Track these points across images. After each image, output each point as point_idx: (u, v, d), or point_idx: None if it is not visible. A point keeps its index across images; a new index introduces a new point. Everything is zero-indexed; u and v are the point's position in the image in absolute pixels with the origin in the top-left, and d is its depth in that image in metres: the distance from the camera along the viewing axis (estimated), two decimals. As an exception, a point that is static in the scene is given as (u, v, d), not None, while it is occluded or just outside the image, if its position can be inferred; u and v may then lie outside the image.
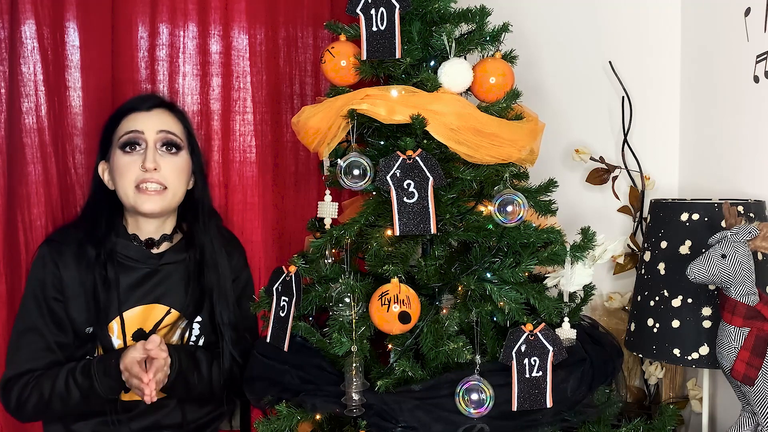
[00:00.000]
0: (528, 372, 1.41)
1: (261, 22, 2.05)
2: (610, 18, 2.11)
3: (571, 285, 1.51)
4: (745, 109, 1.79)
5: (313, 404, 1.45)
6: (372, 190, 1.55)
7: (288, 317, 1.51)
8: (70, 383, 1.58)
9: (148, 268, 1.69)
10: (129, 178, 1.64)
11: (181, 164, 1.69)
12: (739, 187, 1.81)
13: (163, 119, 1.69)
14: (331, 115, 1.53)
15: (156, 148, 1.66)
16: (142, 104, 1.71)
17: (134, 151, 1.65)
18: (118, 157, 1.66)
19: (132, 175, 1.64)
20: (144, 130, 1.65)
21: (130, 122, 1.67)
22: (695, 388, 1.96)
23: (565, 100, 2.13)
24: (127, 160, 1.65)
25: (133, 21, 1.96)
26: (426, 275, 1.51)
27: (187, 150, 1.72)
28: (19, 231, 1.84)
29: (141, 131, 1.65)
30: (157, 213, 1.67)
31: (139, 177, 1.64)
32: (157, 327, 1.68)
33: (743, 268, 1.45)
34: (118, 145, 1.66)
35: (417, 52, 1.53)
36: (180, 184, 1.70)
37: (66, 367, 1.60)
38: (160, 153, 1.66)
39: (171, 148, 1.68)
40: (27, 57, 1.84)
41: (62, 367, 1.60)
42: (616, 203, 2.11)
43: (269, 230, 2.10)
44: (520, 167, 1.59)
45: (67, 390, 1.58)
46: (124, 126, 1.67)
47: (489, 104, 1.54)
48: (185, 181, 1.72)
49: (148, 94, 1.92)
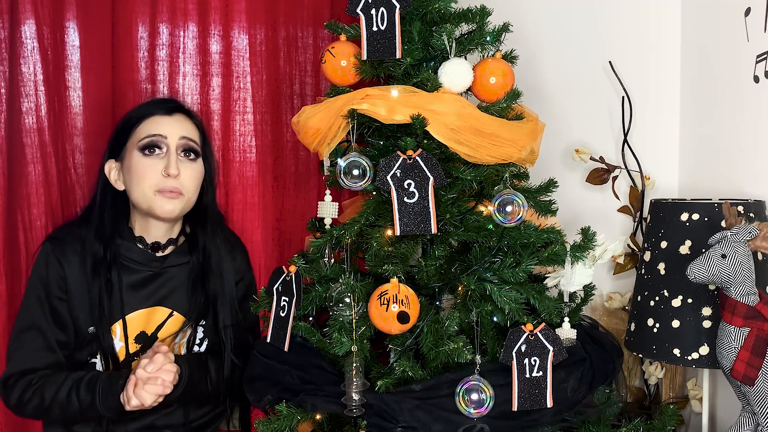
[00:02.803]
0: (528, 372, 1.41)
1: (261, 22, 2.05)
2: (610, 18, 2.11)
3: (571, 285, 1.51)
4: (745, 109, 1.79)
5: (313, 404, 1.45)
6: (372, 190, 1.55)
7: (288, 317, 1.51)
8: (72, 395, 1.57)
9: (151, 270, 1.69)
10: (149, 182, 1.63)
11: (198, 170, 1.70)
12: (739, 187, 1.81)
13: (184, 125, 1.69)
14: (331, 115, 1.53)
15: (177, 154, 1.66)
16: (163, 106, 1.69)
17: (153, 154, 1.64)
18: (137, 159, 1.65)
19: (153, 180, 1.63)
20: (168, 135, 1.65)
21: (152, 125, 1.66)
22: (695, 388, 1.96)
23: (565, 100, 2.13)
24: (147, 163, 1.64)
25: (133, 21, 1.96)
26: (426, 275, 1.51)
27: (202, 156, 1.72)
28: (19, 231, 1.84)
29: (165, 136, 1.65)
30: (174, 217, 1.67)
31: (160, 183, 1.63)
32: (159, 329, 1.68)
33: (743, 268, 1.45)
34: (138, 146, 1.64)
35: (417, 52, 1.53)
36: (195, 190, 1.70)
37: (73, 376, 1.59)
38: (180, 159, 1.66)
39: (190, 154, 1.68)
40: (27, 57, 1.84)
41: (69, 375, 1.59)
42: (616, 203, 2.11)
43: (269, 230, 2.10)
44: (521, 167, 1.59)
45: (68, 401, 1.57)
46: (146, 128, 1.66)
47: (489, 104, 1.54)
48: (199, 186, 1.72)
49: (167, 98, 1.91)
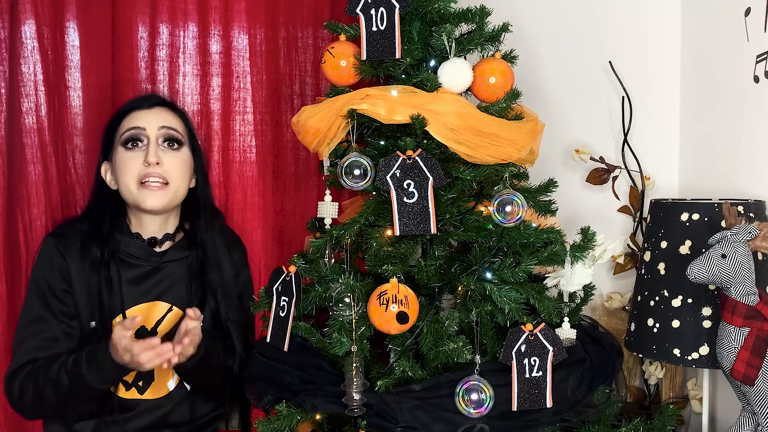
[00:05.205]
0: (528, 372, 1.41)
1: (261, 22, 2.06)
2: (610, 18, 2.11)
3: (571, 285, 1.51)
4: (745, 109, 1.79)
5: (313, 404, 1.45)
6: (372, 190, 1.55)
7: (288, 317, 1.51)
8: (61, 371, 1.56)
9: (150, 265, 1.70)
10: (131, 174, 1.65)
11: (182, 159, 1.70)
12: (739, 187, 1.81)
13: (165, 116, 1.70)
14: (331, 115, 1.53)
15: (158, 144, 1.67)
16: (143, 103, 1.72)
17: (136, 147, 1.66)
18: (121, 154, 1.67)
19: (134, 171, 1.65)
20: (146, 126, 1.66)
21: (131, 120, 1.68)
22: (695, 388, 1.96)
23: (565, 100, 2.13)
24: (130, 156, 1.66)
25: (133, 21, 1.96)
26: (426, 275, 1.51)
27: (189, 147, 1.73)
28: (19, 231, 1.84)
29: (143, 127, 1.66)
30: (160, 209, 1.67)
31: (142, 172, 1.64)
32: (159, 324, 1.68)
33: (743, 268, 1.45)
34: (120, 142, 1.67)
35: (417, 52, 1.53)
36: (182, 179, 1.70)
37: (64, 357, 1.59)
38: (162, 148, 1.67)
39: (173, 143, 1.69)
40: (27, 57, 1.84)
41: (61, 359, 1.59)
42: (616, 203, 2.11)
43: (269, 230, 2.10)
44: (520, 167, 1.59)
45: (58, 378, 1.56)
46: (126, 123, 1.68)
47: (489, 104, 1.54)
48: (188, 177, 1.72)
49: (149, 93, 1.92)
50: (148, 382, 1.66)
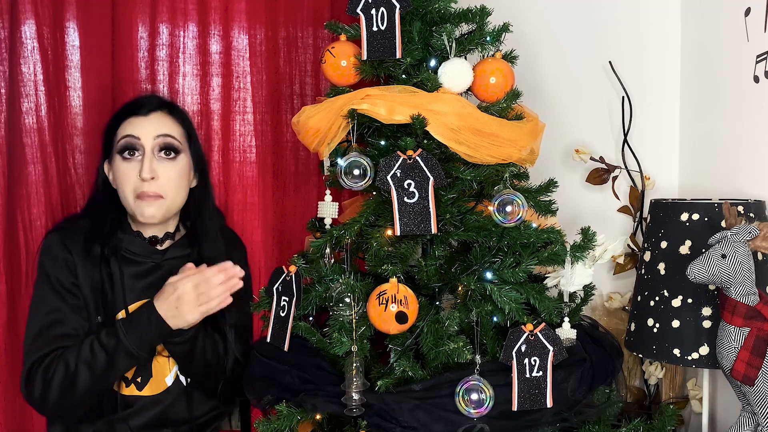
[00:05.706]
0: (528, 372, 1.41)
1: (261, 22, 2.05)
2: (610, 18, 2.11)
3: (571, 285, 1.51)
4: (745, 109, 1.79)
5: (313, 404, 1.45)
6: (372, 190, 1.55)
7: (288, 317, 1.51)
8: (95, 346, 1.55)
9: (152, 262, 1.70)
10: (129, 186, 1.65)
11: (180, 169, 1.69)
12: (739, 187, 1.81)
13: (162, 123, 1.68)
14: (332, 115, 1.53)
15: (154, 155, 1.65)
16: (141, 108, 1.69)
17: (132, 157, 1.65)
18: (118, 163, 1.66)
19: (131, 183, 1.64)
20: (141, 135, 1.64)
21: (127, 127, 1.66)
22: (695, 388, 1.96)
23: (565, 100, 2.13)
24: (126, 167, 1.65)
25: (133, 21, 1.96)
26: (426, 275, 1.51)
27: (188, 152, 1.71)
28: (19, 231, 1.84)
29: (138, 137, 1.64)
30: (156, 221, 1.67)
31: (138, 187, 1.64)
32: None
33: (743, 268, 1.45)
34: (117, 149, 1.66)
35: (417, 52, 1.53)
36: (178, 191, 1.69)
37: (89, 337, 1.58)
38: (158, 159, 1.65)
39: (169, 152, 1.67)
40: (27, 57, 1.84)
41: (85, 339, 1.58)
42: (616, 203, 2.11)
43: (269, 230, 2.10)
44: (520, 167, 1.59)
45: (93, 354, 1.54)
46: (122, 130, 1.66)
47: (489, 104, 1.54)
48: (185, 185, 1.71)
49: (148, 95, 1.90)
50: (146, 378, 1.66)
